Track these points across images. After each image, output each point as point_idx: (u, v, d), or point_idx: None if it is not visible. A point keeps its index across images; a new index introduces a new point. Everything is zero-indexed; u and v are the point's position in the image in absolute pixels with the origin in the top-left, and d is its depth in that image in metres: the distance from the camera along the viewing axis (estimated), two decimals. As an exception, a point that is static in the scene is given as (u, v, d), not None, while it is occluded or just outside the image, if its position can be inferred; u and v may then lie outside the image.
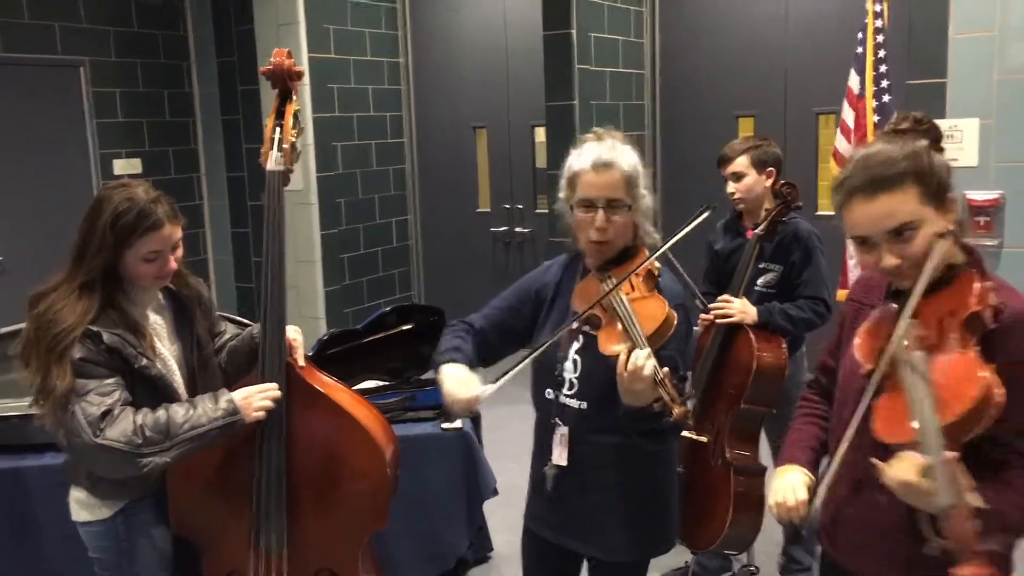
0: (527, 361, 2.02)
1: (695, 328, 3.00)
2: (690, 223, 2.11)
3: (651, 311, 1.97)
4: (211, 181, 6.71)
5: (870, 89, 4.47)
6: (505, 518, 2.41)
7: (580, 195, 2.08)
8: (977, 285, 1.57)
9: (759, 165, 3.12)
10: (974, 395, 1.46)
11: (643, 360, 1.82)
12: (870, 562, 1.72)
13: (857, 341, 1.71)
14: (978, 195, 4.22)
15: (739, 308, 2.98)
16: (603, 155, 2.05)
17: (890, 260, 1.59)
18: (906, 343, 1.56)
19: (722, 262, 3.26)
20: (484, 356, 2.24)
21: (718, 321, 3.00)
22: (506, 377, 1.97)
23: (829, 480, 1.69)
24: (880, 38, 4.45)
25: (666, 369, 1.83)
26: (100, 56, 5.97)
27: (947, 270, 1.63)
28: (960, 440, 1.47)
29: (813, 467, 1.85)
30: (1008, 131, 4.32)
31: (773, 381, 2.97)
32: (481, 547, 3.67)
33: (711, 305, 3.04)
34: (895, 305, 1.67)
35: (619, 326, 1.94)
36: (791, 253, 3.09)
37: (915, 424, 1.47)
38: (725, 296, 3.02)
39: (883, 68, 4.44)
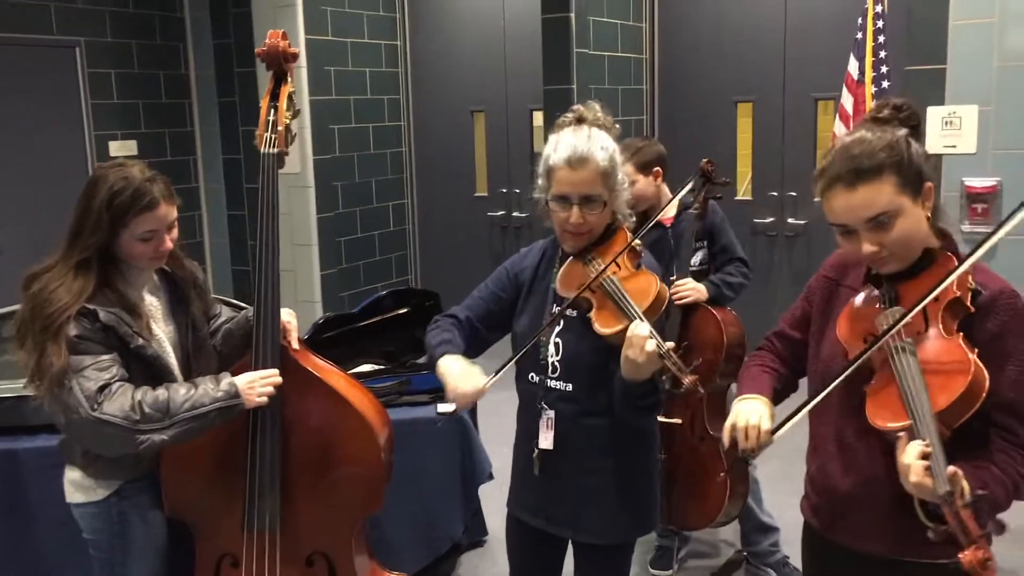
0: (527, 347, 2.03)
1: None
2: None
3: (643, 287, 1.99)
4: (207, 163, 6.68)
5: (869, 75, 4.46)
6: (500, 502, 2.41)
7: (555, 191, 2.08)
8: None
9: (643, 168, 3.18)
10: (965, 381, 1.50)
11: (643, 333, 1.83)
12: (871, 540, 1.75)
13: (841, 324, 1.74)
14: (976, 182, 4.21)
15: (692, 287, 3.10)
16: (578, 149, 2.03)
17: (869, 247, 1.63)
18: (894, 330, 1.60)
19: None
20: (472, 347, 2.23)
21: (677, 303, 3.09)
22: (507, 365, 2.00)
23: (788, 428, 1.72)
24: (879, 24, 4.44)
25: (671, 343, 1.85)
26: (96, 37, 5.93)
27: (924, 254, 1.68)
28: (952, 426, 1.52)
29: (773, 396, 1.89)
30: (1007, 118, 4.31)
31: (740, 350, 3.11)
32: (476, 531, 3.69)
33: (671, 290, 3.11)
34: (876, 291, 1.72)
35: (613, 305, 1.95)
36: (707, 227, 3.25)
37: (910, 411, 1.50)
38: (682, 280, 3.13)
39: (882, 54, 4.43)
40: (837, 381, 1.66)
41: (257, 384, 2.13)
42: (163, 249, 2.19)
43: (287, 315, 2.27)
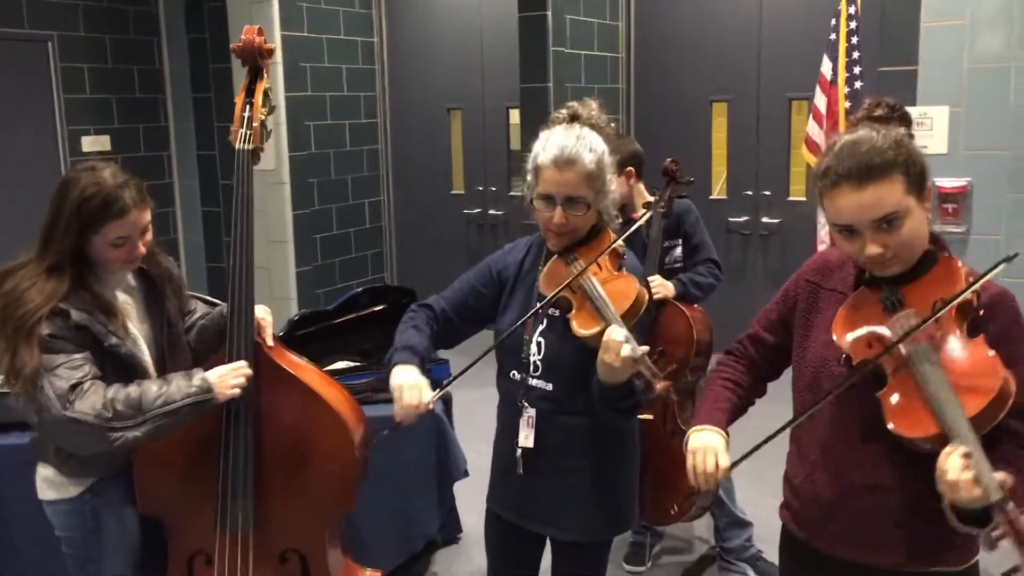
0: (485, 354, 2.03)
1: None
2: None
3: (622, 290, 1.98)
4: (181, 159, 6.64)
5: (842, 76, 4.49)
6: (475, 500, 2.41)
7: (540, 189, 2.07)
8: (962, 270, 1.58)
9: (616, 168, 3.16)
10: (996, 384, 1.46)
11: (620, 337, 1.83)
12: (870, 550, 1.69)
13: (839, 330, 1.67)
14: (947, 182, 4.27)
15: (660, 284, 3.13)
16: (566, 150, 2.02)
17: (874, 249, 1.58)
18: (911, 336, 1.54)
19: None
20: (445, 339, 2.24)
21: None
22: (458, 376, 2.00)
23: (749, 456, 1.66)
24: (853, 25, 4.47)
25: (645, 347, 1.84)
26: (69, 31, 5.88)
27: (925, 256, 1.63)
28: (981, 431, 1.46)
29: (725, 428, 1.82)
30: (977, 119, 4.37)
31: (709, 347, 3.16)
32: (451, 529, 3.69)
33: None
34: (873, 295, 1.66)
35: (591, 307, 1.96)
36: (681, 225, 3.28)
37: (940, 419, 1.46)
38: (650, 277, 3.12)
39: (855, 55, 4.47)
40: (839, 388, 1.60)
41: (228, 377, 2.13)
42: (136, 254, 2.18)
43: (261, 312, 2.27)
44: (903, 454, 1.56)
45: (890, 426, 1.54)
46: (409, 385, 2.01)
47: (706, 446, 1.73)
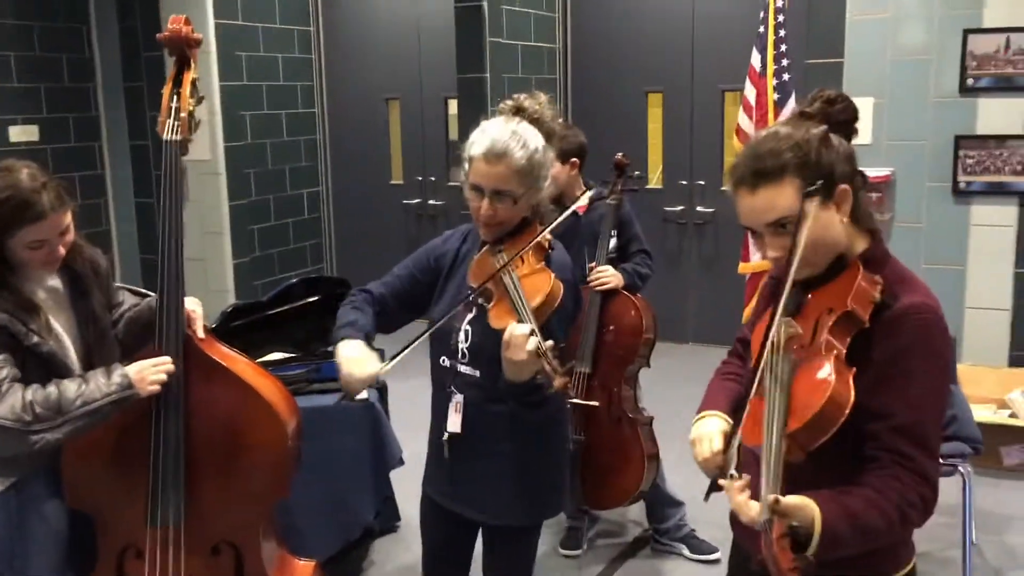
0: (423, 337, 2.06)
1: None
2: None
3: (537, 285, 2.02)
4: (113, 149, 6.50)
5: (771, 68, 4.58)
6: (412, 489, 2.44)
7: (471, 179, 2.11)
8: (860, 281, 1.51)
9: (562, 156, 3.24)
10: (820, 402, 1.41)
11: (522, 332, 1.86)
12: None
13: (756, 330, 1.67)
14: (871, 172, 4.39)
15: (612, 274, 3.25)
16: (498, 144, 2.05)
17: (772, 252, 1.57)
18: (782, 342, 1.51)
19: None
20: (384, 324, 2.26)
21: (597, 289, 3.23)
22: (402, 354, 2.01)
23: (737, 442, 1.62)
24: (781, 18, 4.57)
25: (549, 343, 1.87)
26: (-7, 18, 5.73)
27: (837, 260, 1.58)
28: (807, 448, 1.44)
29: (732, 414, 1.74)
30: (899, 110, 4.51)
31: (653, 334, 3.29)
32: (389, 517, 3.71)
33: (591, 277, 3.25)
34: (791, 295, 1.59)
35: (507, 302, 1.99)
36: (616, 218, 3.37)
37: (765, 430, 1.44)
38: (601, 267, 3.26)
39: (783, 47, 4.56)
40: (748, 393, 1.55)
41: (148, 372, 2.10)
42: (55, 256, 2.15)
43: (192, 304, 2.26)
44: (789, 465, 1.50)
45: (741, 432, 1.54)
46: (354, 359, 2.04)
47: (702, 433, 1.67)
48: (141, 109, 6.11)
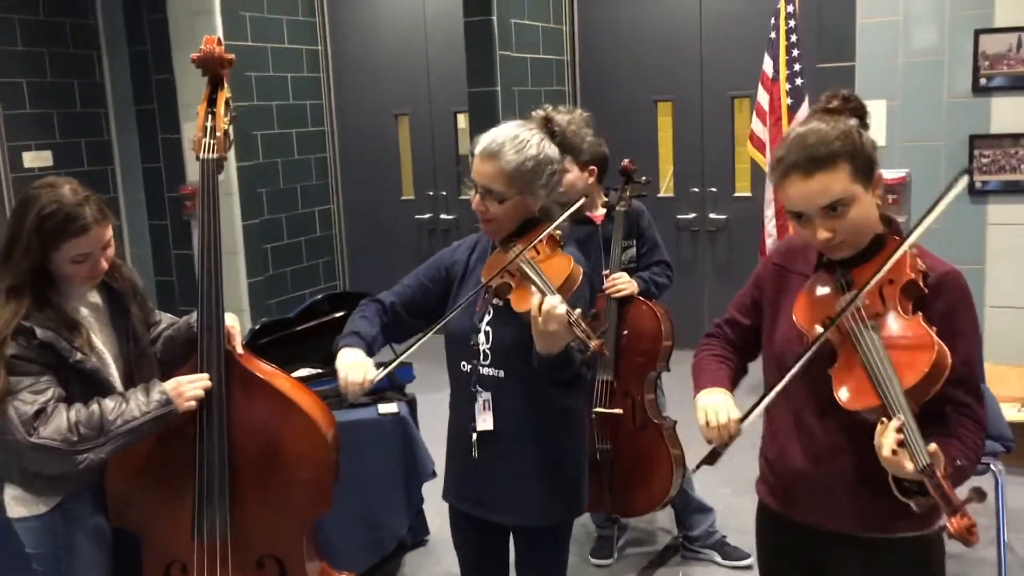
0: (424, 338, 2.11)
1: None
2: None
3: (558, 267, 2.06)
4: (126, 173, 6.53)
5: (783, 73, 4.62)
6: (440, 502, 2.45)
7: (472, 175, 2.17)
8: (909, 255, 1.68)
9: (582, 163, 3.24)
10: (930, 358, 1.57)
11: (551, 303, 1.89)
12: (832, 517, 1.80)
13: (798, 311, 1.78)
14: (886, 174, 4.38)
15: (627, 281, 3.24)
16: (493, 144, 2.11)
17: (823, 233, 1.68)
18: (854, 312, 1.66)
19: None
20: (395, 333, 2.30)
21: (613, 296, 3.22)
22: (400, 359, 2.08)
23: (756, 416, 1.76)
24: (791, 23, 4.60)
25: (578, 310, 1.90)
26: (5, 45, 5.76)
27: (875, 240, 1.74)
28: (919, 402, 1.59)
29: (728, 387, 1.92)
30: (913, 112, 4.53)
31: (671, 341, 3.29)
32: (418, 531, 3.71)
33: (606, 284, 3.24)
34: (830, 277, 1.76)
35: (529, 285, 2.02)
36: (637, 227, 3.38)
37: (880, 391, 1.57)
38: (616, 274, 3.25)
39: (795, 52, 4.60)
40: (800, 364, 1.69)
41: (185, 388, 2.13)
42: (99, 270, 2.18)
43: (230, 319, 2.27)
44: (858, 425, 1.66)
45: (838, 399, 1.66)
46: (353, 364, 2.09)
47: (715, 402, 1.80)
48: (153, 132, 6.14)
